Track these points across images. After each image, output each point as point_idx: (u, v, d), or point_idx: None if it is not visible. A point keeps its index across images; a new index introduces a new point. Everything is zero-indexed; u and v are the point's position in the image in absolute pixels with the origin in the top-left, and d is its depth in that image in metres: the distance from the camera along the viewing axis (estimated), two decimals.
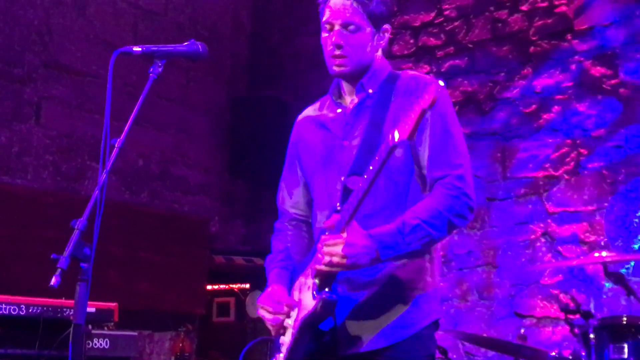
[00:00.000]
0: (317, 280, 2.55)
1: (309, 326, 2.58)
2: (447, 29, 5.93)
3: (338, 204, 2.58)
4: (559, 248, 5.18)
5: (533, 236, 5.29)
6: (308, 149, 2.87)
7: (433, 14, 6.04)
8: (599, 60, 5.22)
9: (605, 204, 5.06)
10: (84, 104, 5.73)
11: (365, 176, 2.40)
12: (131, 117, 2.22)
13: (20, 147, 5.40)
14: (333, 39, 2.68)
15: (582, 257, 4.77)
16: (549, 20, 5.46)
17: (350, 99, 2.81)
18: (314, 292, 2.55)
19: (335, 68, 2.71)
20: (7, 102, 5.36)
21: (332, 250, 2.45)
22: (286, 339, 2.65)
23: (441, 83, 2.23)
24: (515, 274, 5.31)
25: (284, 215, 3.00)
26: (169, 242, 5.99)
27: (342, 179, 2.65)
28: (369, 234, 2.48)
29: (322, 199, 2.78)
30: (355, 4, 2.67)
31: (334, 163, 2.74)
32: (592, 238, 5.05)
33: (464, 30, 5.83)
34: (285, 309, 2.64)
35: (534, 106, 5.43)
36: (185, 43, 2.48)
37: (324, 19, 2.71)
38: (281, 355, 2.65)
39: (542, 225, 5.27)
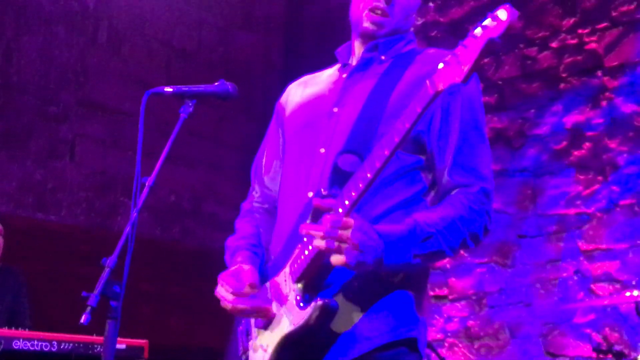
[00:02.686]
0: (300, 285, 2.00)
1: (293, 345, 2.02)
2: None
3: (323, 189, 2.01)
4: (592, 286, 5.12)
5: (565, 274, 5.24)
6: (292, 114, 2.38)
7: None
8: (629, 97, 5.20)
9: (638, 241, 5.00)
10: (118, 142, 5.82)
11: (386, 152, 1.85)
12: (161, 156, 2.26)
13: (55, 184, 5.49)
14: None
15: (614, 296, 4.72)
16: (579, 57, 5.46)
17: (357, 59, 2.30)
18: (298, 299, 1.99)
19: (369, 25, 2.22)
20: (43, 140, 5.47)
21: (343, 234, 1.83)
22: None
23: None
24: (547, 313, 5.25)
25: (256, 193, 2.48)
26: (199, 278, 6.02)
27: (332, 156, 2.09)
28: (375, 229, 1.92)
29: (296, 176, 2.22)
30: None
31: (316, 132, 2.21)
32: (625, 276, 5.00)
33: (494, 67, 5.85)
34: (248, 289, 2.10)
35: (564, 143, 5.41)
36: (216, 83, 2.52)
37: None
38: None
39: (574, 262, 5.22)
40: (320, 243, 1.87)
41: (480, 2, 5.94)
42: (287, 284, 2.06)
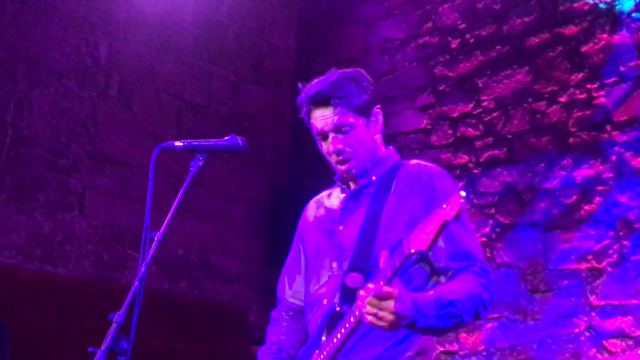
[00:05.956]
0: None
1: None
2: (485, 119, 5.96)
3: (337, 305, 2.45)
4: (604, 343, 5.04)
5: (577, 330, 5.17)
6: (309, 232, 2.82)
7: (471, 105, 6.08)
8: (639, 151, 5.18)
9: None
10: (127, 194, 5.82)
11: (381, 282, 2.23)
12: (171, 211, 2.26)
13: (63, 237, 5.48)
14: (331, 148, 2.70)
15: (627, 353, 4.64)
16: (588, 112, 5.47)
17: (353, 185, 2.76)
18: None
19: (346, 175, 2.69)
20: (52, 193, 5.47)
21: (383, 305, 2.21)
22: None
23: (462, 194, 2.08)
24: None
25: (281, 304, 2.90)
26: (207, 333, 5.96)
27: (342, 273, 2.53)
28: (411, 295, 2.31)
29: (314, 287, 2.68)
30: (337, 108, 2.71)
31: (327, 249, 2.67)
32: (638, 332, 4.92)
33: (503, 121, 5.86)
34: None
35: (574, 197, 5.38)
36: (226, 137, 2.53)
37: (315, 131, 2.81)
38: None
39: (586, 318, 5.15)
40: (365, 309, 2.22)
41: (488, 57, 5.98)
42: None
